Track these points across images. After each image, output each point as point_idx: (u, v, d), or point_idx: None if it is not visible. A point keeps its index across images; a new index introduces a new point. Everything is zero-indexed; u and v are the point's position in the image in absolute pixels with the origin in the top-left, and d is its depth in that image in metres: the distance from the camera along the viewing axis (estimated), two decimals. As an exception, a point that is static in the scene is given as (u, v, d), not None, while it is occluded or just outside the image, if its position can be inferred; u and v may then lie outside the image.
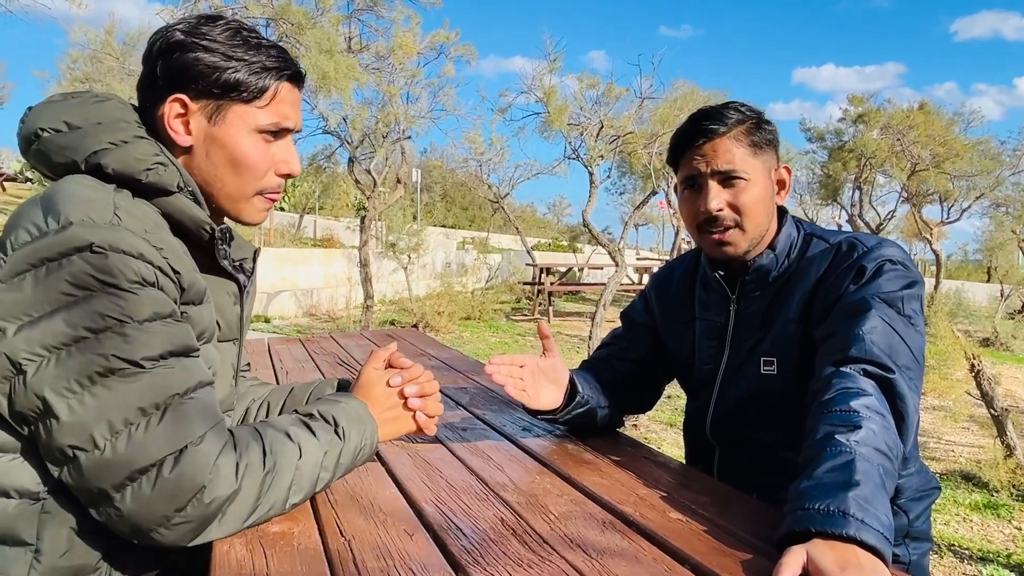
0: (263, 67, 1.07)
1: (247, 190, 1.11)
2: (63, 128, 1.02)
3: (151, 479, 0.87)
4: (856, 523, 0.85)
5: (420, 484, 1.21)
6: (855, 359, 1.14)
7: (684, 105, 9.39)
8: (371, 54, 9.52)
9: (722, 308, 1.47)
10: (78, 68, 9.78)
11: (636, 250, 30.39)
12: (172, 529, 0.89)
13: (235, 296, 1.18)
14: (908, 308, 1.22)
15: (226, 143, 1.07)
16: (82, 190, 0.96)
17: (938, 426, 5.78)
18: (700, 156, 1.36)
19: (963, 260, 21.49)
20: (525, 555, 0.93)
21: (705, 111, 1.39)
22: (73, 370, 0.88)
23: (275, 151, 1.11)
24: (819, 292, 1.32)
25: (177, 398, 0.92)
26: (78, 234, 0.89)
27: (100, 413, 0.87)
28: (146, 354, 0.90)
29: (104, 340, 0.88)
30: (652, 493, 1.18)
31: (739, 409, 1.43)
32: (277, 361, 2.52)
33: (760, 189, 1.36)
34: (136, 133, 1.03)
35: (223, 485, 0.91)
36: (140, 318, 0.91)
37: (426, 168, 26.07)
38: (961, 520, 3.74)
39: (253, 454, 0.96)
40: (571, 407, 1.40)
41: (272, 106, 1.08)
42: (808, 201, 19.21)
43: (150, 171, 1.01)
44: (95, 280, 0.89)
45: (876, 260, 1.27)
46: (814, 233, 1.41)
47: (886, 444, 0.99)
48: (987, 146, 14.39)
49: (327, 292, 12.00)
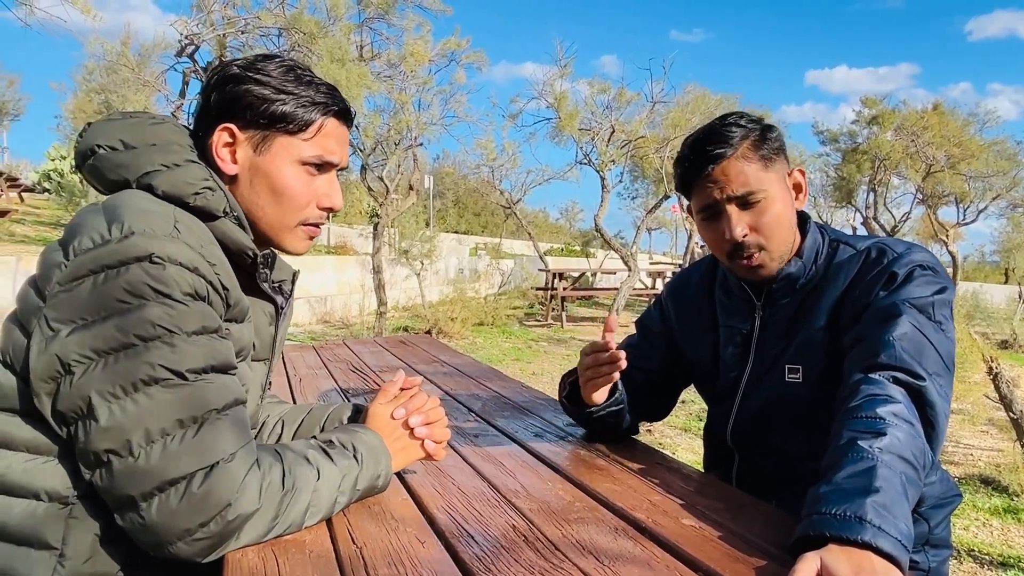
0: (311, 101, 1.10)
1: (288, 220, 1.13)
2: (119, 146, 1.06)
3: (179, 492, 0.89)
4: (873, 529, 0.83)
5: (432, 491, 1.20)
6: (884, 366, 1.12)
7: (696, 109, 9.38)
8: (382, 62, 9.58)
9: (747, 315, 1.45)
10: (94, 79, 9.89)
11: (649, 254, 30.30)
12: (191, 544, 0.90)
13: (271, 317, 1.20)
14: (939, 314, 1.19)
15: (269, 172, 1.10)
16: (144, 202, 0.99)
17: (956, 430, 5.71)
18: (712, 184, 1.30)
19: (980, 262, 21.31)
20: (537, 562, 0.92)
21: (705, 134, 1.33)
22: (119, 375, 0.89)
23: (318, 184, 1.13)
24: (848, 299, 1.29)
25: (214, 413, 0.93)
26: (139, 244, 0.92)
27: (139, 420, 0.89)
28: (191, 366, 0.92)
29: (152, 349, 0.90)
30: (665, 499, 1.17)
31: (762, 417, 1.42)
32: (291, 368, 2.53)
33: (780, 203, 1.31)
34: (188, 157, 1.07)
35: (247, 503, 0.93)
36: (189, 330, 0.93)
37: (438, 175, 26.17)
38: (981, 525, 3.69)
39: (274, 474, 0.98)
40: (609, 403, 1.43)
41: (317, 139, 1.11)
42: (822, 204, 19.11)
43: (198, 195, 1.03)
44: (150, 289, 0.91)
45: (907, 265, 1.25)
46: (840, 239, 1.39)
47: (911, 452, 0.98)
48: (1003, 146, 14.27)
49: (341, 299, 12.04)
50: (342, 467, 1.07)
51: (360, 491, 1.10)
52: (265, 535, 0.97)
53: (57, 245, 0.98)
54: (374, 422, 1.22)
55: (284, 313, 1.27)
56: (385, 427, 1.21)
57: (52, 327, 0.91)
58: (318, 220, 1.16)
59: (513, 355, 9.03)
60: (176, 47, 9.16)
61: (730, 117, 1.34)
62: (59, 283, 0.93)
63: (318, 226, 1.17)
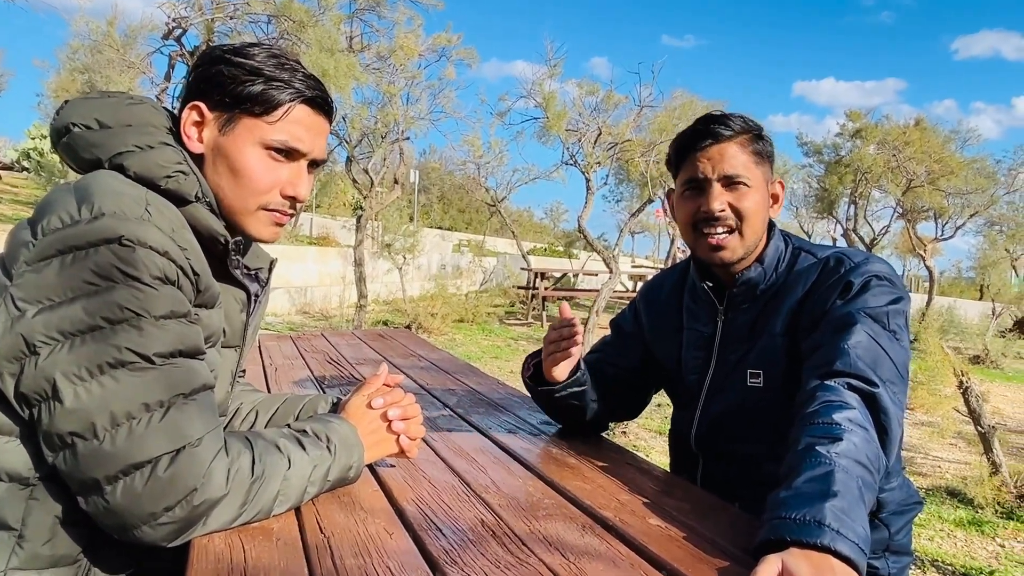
0: (282, 85, 1.08)
1: (248, 203, 1.10)
2: (94, 125, 1.04)
3: (144, 475, 0.88)
4: (831, 533, 0.85)
5: (402, 483, 1.21)
6: (840, 373, 1.14)
7: (683, 115, 9.41)
8: (372, 54, 9.54)
9: (710, 319, 1.48)
10: (78, 58, 9.74)
11: (632, 257, 30.41)
12: (156, 528, 0.90)
13: (243, 304, 1.19)
14: (893, 323, 1.23)
15: (231, 153, 1.08)
16: (116, 184, 0.98)
17: (925, 441, 5.79)
18: (707, 159, 1.37)
19: (956, 277, 21.59)
20: (503, 556, 0.93)
21: (711, 115, 1.40)
22: (85, 357, 0.88)
23: (284, 172, 1.11)
24: (806, 306, 1.33)
25: (181, 398, 0.93)
26: (109, 225, 0.91)
27: (104, 403, 0.88)
28: (158, 350, 0.92)
29: (119, 332, 0.90)
30: (634, 499, 1.18)
31: (724, 420, 1.44)
32: (267, 357, 2.52)
33: (761, 197, 1.38)
34: (162, 139, 1.06)
35: (214, 488, 0.92)
36: (157, 314, 0.92)
37: (424, 169, 26.09)
38: (945, 536, 3.75)
39: (243, 461, 0.97)
40: (570, 383, 1.45)
41: (283, 124, 1.08)
42: (804, 214, 19.29)
43: (170, 178, 1.02)
44: (119, 272, 0.90)
45: (863, 275, 1.28)
46: (802, 247, 1.42)
47: (867, 457, 1.00)
48: (982, 164, 14.47)
49: (321, 290, 11.98)
50: (314, 456, 1.07)
51: (331, 481, 1.10)
52: (233, 521, 0.96)
53: (26, 224, 0.96)
54: (351, 414, 1.22)
55: (260, 301, 1.26)
56: (361, 419, 1.21)
57: (18, 307, 0.90)
58: (280, 207, 1.13)
59: (492, 353, 9.03)
60: (163, 30, 9.04)
61: (735, 114, 1.41)
62: (26, 263, 0.91)
63: (284, 214, 1.15)
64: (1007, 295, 12.73)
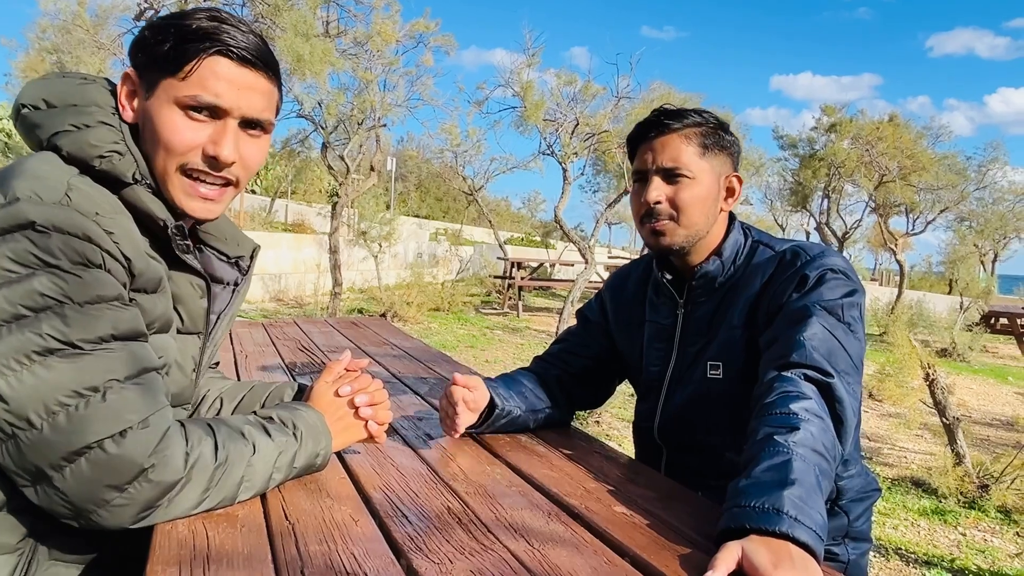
0: (194, 38, 1.00)
1: (167, 165, 1.03)
2: (41, 105, 1.02)
3: (90, 459, 0.87)
4: (790, 521, 0.87)
5: (370, 470, 1.21)
6: (796, 364, 1.17)
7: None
8: (349, 39, 9.44)
9: (670, 312, 1.50)
10: (47, 38, 9.55)
11: (608, 248, 30.49)
12: (112, 511, 0.89)
13: (201, 290, 1.15)
14: (848, 315, 1.25)
15: (151, 117, 1.02)
16: (40, 166, 0.94)
17: (892, 432, 5.90)
18: (650, 151, 1.40)
19: (926, 272, 21.89)
20: (468, 543, 0.94)
21: (666, 108, 1.42)
22: (12, 348, 0.86)
23: (206, 131, 1.03)
24: (763, 299, 1.35)
25: (117, 383, 0.91)
26: (22, 210, 0.88)
27: (36, 393, 0.86)
28: (85, 336, 0.89)
29: (43, 319, 0.87)
30: (600, 487, 1.19)
31: (686, 412, 1.46)
32: (238, 344, 2.50)
33: (703, 189, 1.39)
34: (101, 118, 1.01)
35: (170, 471, 0.91)
36: (81, 299, 0.90)
37: (401, 157, 25.92)
38: (909, 524, 3.83)
39: (205, 447, 0.97)
40: (491, 420, 1.43)
41: (193, 78, 1.00)
42: (778, 207, 19.46)
43: (103, 158, 0.99)
44: (36, 259, 0.88)
45: (818, 269, 1.30)
46: (761, 240, 1.44)
47: (823, 445, 1.02)
48: (953, 161, 14.68)
49: (295, 278, 11.89)
50: (279, 443, 1.06)
51: (297, 468, 1.10)
52: (196, 507, 0.96)
53: None
54: (317, 400, 1.21)
55: (238, 289, 1.24)
56: (328, 406, 1.21)
57: None
58: (199, 167, 1.04)
59: (467, 342, 9.03)
60: (135, 10, 8.88)
61: (698, 109, 1.43)
62: None
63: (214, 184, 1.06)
64: (975, 290, 12.94)
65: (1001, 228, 16.79)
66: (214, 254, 1.22)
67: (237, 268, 1.24)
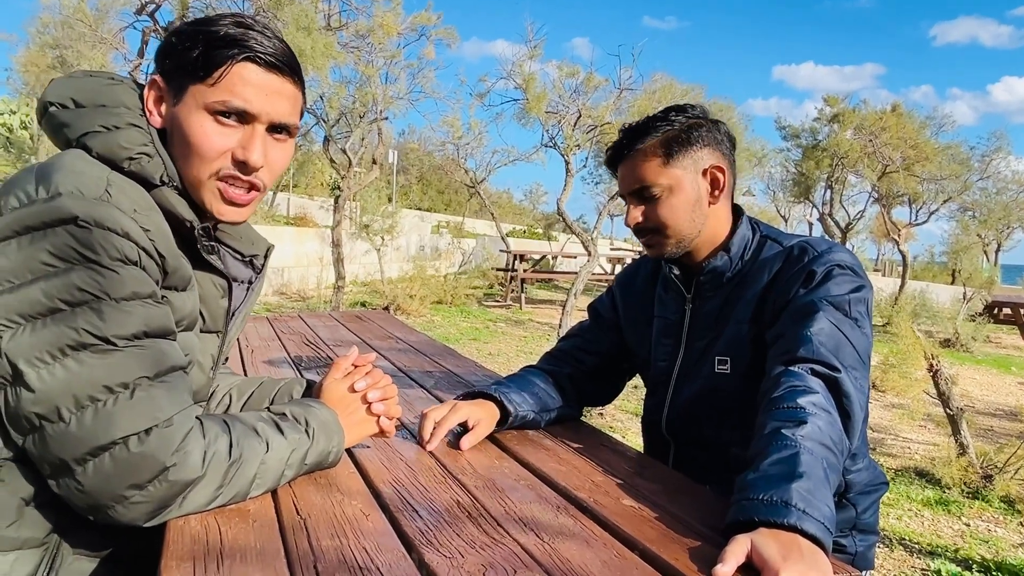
0: (222, 44, 1.01)
1: (199, 173, 1.05)
2: (69, 104, 1.03)
3: (114, 455, 0.88)
4: (798, 513, 0.87)
5: (379, 465, 1.22)
6: (803, 359, 1.17)
7: (662, 98, 9.42)
8: (350, 32, 9.42)
9: (678, 307, 1.50)
10: (48, 33, 9.53)
11: (610, 240, 30.48)
12: (129, 508, 0.90)
13: (223, 290, 1.17)
14: (855, 311, 1.25)
15: (181, 123, 1.04)
16: (79, 164, 0.96)
17: (895, 423, 5.90)
18: (620, 177, 1.44)
19: (929, 262, 21.87)
20: (479, 537, 0.94)
21: (630, 128, 1.42)
22: (46, 341, 0.87)
23: (236, 137, 1.04)
24: (770, 294, 1.35)
25: (147, 380, 0.92)
26: (65, 205, 0.89)
27: (67, 386, 0.87)
28: (119, 332, 0.90)
29: (79, 314, 0.88)
30: (608, 480, 1.20)
31: (694, 407, 1.46)
32: (243, 339, 2.51)
33: (678, 198, 1.38)
34: (131, 120, 1.03)
35: (189, 470, 0.92)
36: (118, 296, 0.91)
37: (403, 150, 25.89)
38: (913, 515, 3.84)
39: (220, 444, 0.97)
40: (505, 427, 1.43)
41: (223, 84, 1.02)
42: (781, 198, 19.45)
43: (133, 160, 1.00)
44: (76, 253, 0.89)
45: (826, 264, 1.30)
46: (769, 235, 1.44)
47: (831, 439, 1.03)
48: (956, 151, 14.65)
49: (298, 271, 11.90)
50: (292, 440, 1.07)
51: (308, 465, 1.11)
52: (209, 504, 0.97)
53: None
54: (329, 396, 1.22)
55: (252, 288, 1.25)
56: (340, 401, 1.21)
57: None
58: (231, 173, 1.05)
59: (470, 335, 9.04)
60: (136, 4, 8.87)
61: (661, 113, 1.41)
62: None
63: (243, 188, 1.08)
64: (978, 280, 12.92)
65: (1004, 218, 16.76)
66: (229, 253, 1.23)
67: (251, 267, 1.25)
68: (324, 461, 1.13)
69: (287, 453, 1.06)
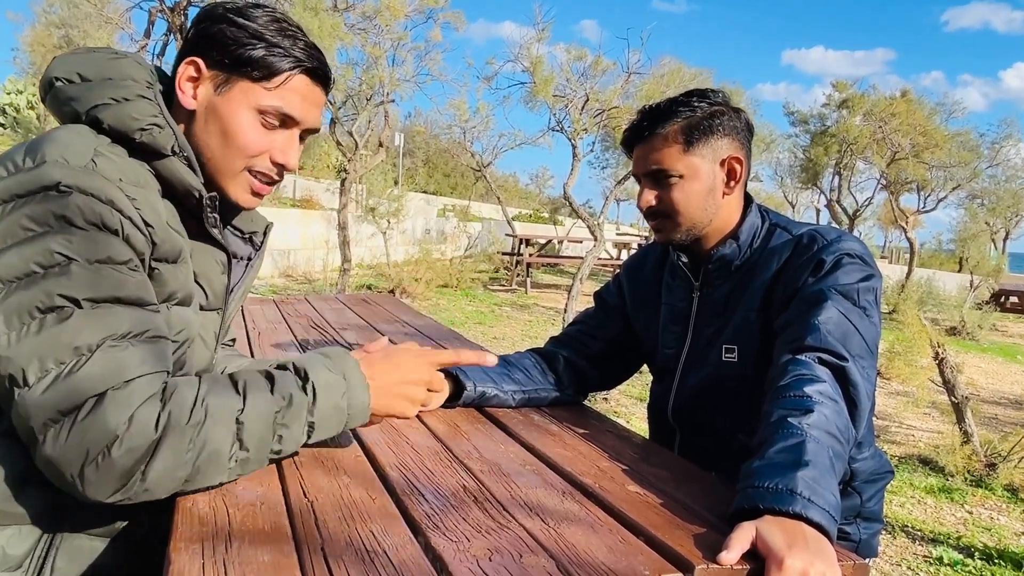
0: (284, 53, 1.07)
1: (234, 164, 1.09)
2: (75, 79, 1.04)
3: (69, 423, 0.85)
4: (803, 501, 0.88)
5: (386, 449, 1.22)
6: (810, 347, 1.17)
7: (670, 82, 9.36)
8: (357, 14, 9.38)
9: (686, 294, 1.50)
10: (54, 12, 9.52)
11: (617, 225, 30.43)
12: (90, 483, 0.86)
13: (223, 266, 1.17)
14: (864, 300, 1.25)
15: (224, 115, 1.07)
16: (68, 135, 0.97)
17: (900, 411, 5.91)
18: (637, 158, 1.42)
19: (937, 249, 21.74)
20: (484, 521, 0.95)
21: (646, 109, 1.41)
22: (18, 304, 0.87)
23: (275, 138, 1.10)
24: (779, 283, 1.34)
25: (110, 340, 0.89)
26: (48, 172, 0.90)
27: (34, 350, 0.86)
28: (88, 295, 0.89)
29: (50, 277, 0.88)
30: (613, 466, 1.20)
31: (700, 394, 1.46)
32: (250, 322, 2.51)
33: (694, 185, 1.37)
34: (140, 92, 1.04)
35: (140, 434, 0.86)
36: (90, 258, 0.90)
37: (409, 133, 25.83)
38: (916, 503, 3.85)
39: (180, 400, 0.90)
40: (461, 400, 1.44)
41: (280, 91, 1.07)
42: (788, 184, 19.37)
43: (144, 131, 1.02)
44: (54, 217, 0.89)
45: (835, 253, 1.29)
46: (778, 224, 1.43)
47: (837, 428, 1.03)
48: (966, 138, 14.58)
49: (304, 254, 11.92)
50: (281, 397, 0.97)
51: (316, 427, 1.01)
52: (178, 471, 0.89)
53: None
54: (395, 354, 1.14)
55: (251, 265, 1.25)
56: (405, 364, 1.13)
57: None
58: (266, 171, 1.11)
59: (476, 319, 9.06)
60: (142, -16, 8.85)
61: (684, 97, 1.39)
62: None
63: (268, 183, 1.13)
64: (985, 268, 12.87)
65: (1013, 206, 16.68)
66: (229, 229, 1.23)
67: (251, 244, 1.26)
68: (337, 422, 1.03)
69: (271, 411, 0.95)
